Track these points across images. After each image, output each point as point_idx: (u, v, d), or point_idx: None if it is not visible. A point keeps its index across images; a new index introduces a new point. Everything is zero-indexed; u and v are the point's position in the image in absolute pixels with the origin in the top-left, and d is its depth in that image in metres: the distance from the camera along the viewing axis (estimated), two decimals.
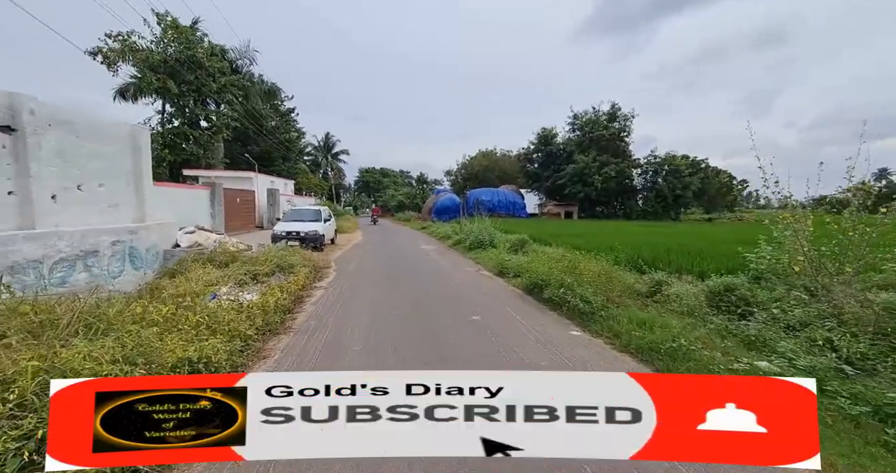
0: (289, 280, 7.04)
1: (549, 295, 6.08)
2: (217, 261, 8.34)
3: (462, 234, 16.39)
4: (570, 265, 6.73)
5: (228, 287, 6.42)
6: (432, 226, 27.29)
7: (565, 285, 5.93)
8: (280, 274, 7.96)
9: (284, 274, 8.06)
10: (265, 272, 7.69)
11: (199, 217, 13.17)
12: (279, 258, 8.66)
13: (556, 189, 36.38)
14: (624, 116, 35.23)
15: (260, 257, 8.38)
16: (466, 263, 11.09)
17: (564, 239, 13.73)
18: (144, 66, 18.11)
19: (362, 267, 10.16)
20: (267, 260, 8.25)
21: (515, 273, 8.51)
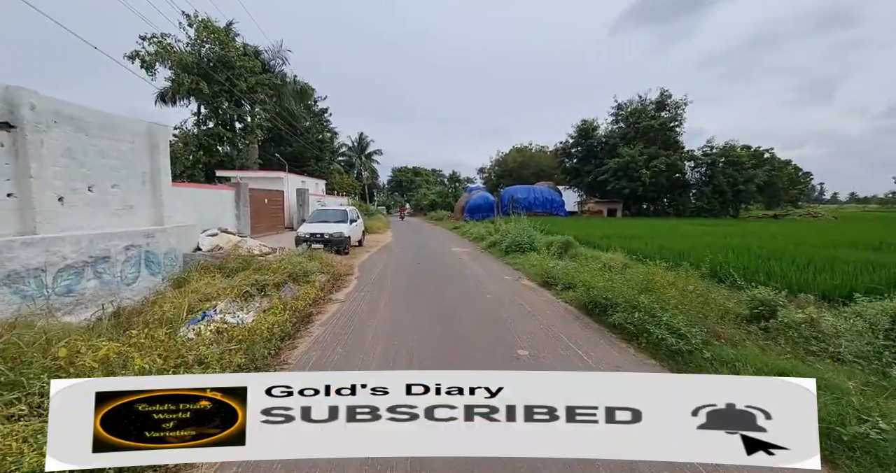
0: (297, 295, 6.06)
1: (619, 321, 4.63)
2: (228, 268, 7.57)
3: (497, 235, 14.98)
4: (644, 279, 5.21)
5: (227, 302, 5.52)
6: (465, 225, 26.02)
7: (641, 307, 4.46)
8: (292, 285, 7.04)
9: (298, 285, 7.14)
10: (275, 282, 6.79)
11: (223, 219, 12.74)
12: (294, 265, 7.77)
13: (597, 185, 33.83)
14: (675, 104, 32.03)
15: (273, 264, 7.53)
16: (504, 270, 9.74)
17: (616, 240, 11.97)
18: (179, 68, 18.22)
19: (386, 274, 9.09)
20: (279, 268, 7.37)
21: (565, 284, 7.07)
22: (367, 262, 11.06)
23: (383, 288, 7.53)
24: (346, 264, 10.44)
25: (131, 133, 8.86)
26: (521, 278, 8.53)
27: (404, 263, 10.76)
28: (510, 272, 9.38)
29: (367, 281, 8.26)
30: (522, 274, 8.94)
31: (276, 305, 5.06)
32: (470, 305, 6.13)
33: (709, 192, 29.29)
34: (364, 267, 10.26)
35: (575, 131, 36.54)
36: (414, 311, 5.83)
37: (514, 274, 8.99)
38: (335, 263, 10.05)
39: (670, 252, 9.04)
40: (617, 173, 30.47)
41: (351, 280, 8.46)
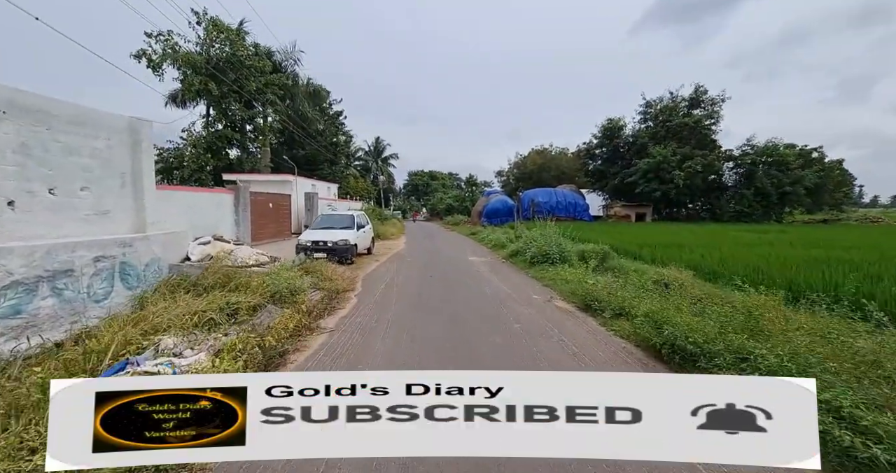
0: (273, 323, 4.75)
1: None
2: (203, 285, 6.38)
3: (520, 243, 13.45)
4: (747, 319, 3.62)
5: (177, 336, 4.26)
6: (482, 231, 24.53)
7: (762, 364, 2.92)
8: (274, 307, 5.77)
9: (283, 306, 5.87)
10: (252, 304, 5.53)
11: (221, 225, 11.74)
12: (283, 281, 6.51)
13: (624, 187, 31.71)
14: (710, 101, 29.67)
15: (254, 281, 6.28)
16: (531, 286, 8.23)
17: (661, 251, 10.26)
18: (186, 68, 17.58)
19: (393, 291, 7.74)
20: (262, 285, 6.12)
21: (615, 310, 5.53)
22: (374, 275, 9.75)
23: (386, 310, 6.17)
24: (348, 277, 9.16)
25: (108, 128, 7.85)
26: (553, 298, 7.01)
27: (414, 276, 9.40)
28: (539, 289, 7.87)
29: (368, 300, 6.92)
30: (554, 293, 7.42)
31: (233, 344, 3.75)
32: (493, 340, 4.67)
33: (750, 195, 26.77)
34: (369, 281, 8.95)
35: (599, 131, 34.55)
36: (421, 348, 4.43)
37: (545, 293, 7.47)
38: (335, 276, 8.78)
39: (739, 266, 7.34)
40: (647, 175, 28.34)
41: (350, 298, 7.15)
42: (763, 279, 6.47)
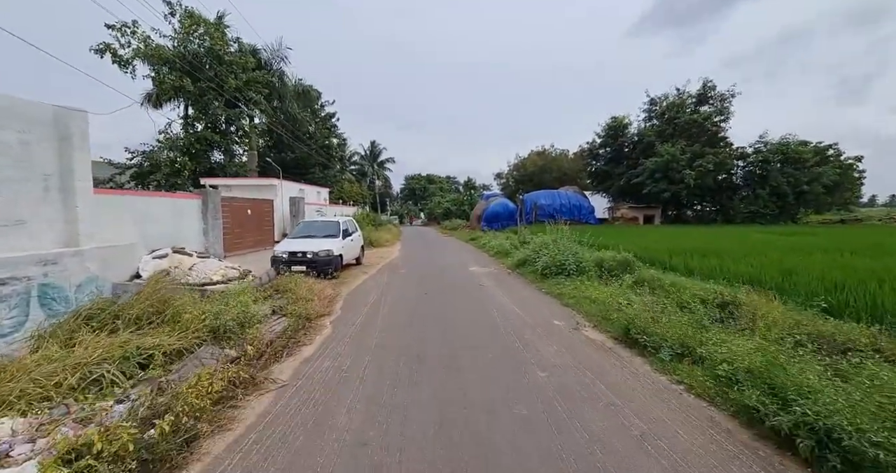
0: (191, 381, 3.22)
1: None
2: (127, 316, 4.85)
3: (527, 250, 11.96)
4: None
5: (34, 415, 2.75)
6: (483, 236, 23.03)
7: None
8: (215, 348, 4.25)
9: (223, 346, 4.35)
10: (177, 348, 4.01)
11: (186, 234, 10.23)
12: (234, 309, 4.99)
13: (630, 188, 30.29)
14: (720, 96, 28.34)
15: (192, 312, 4.75)
16: (547, 306, 6.71)
17: (698, 259, 8.75)
18: (158, 62, 16.14)
19: (378, 316, 6.22)
20: (198, 317, 4.60)
21: (675, 347, 4.04)
22: (359, 292, 8.23)
23: (365, 348, 4.65)
24: (328, 296, 7.65)
25: (22, 119, 6.36)
26: (580, 325, 5.49)
27: (407, 294, 7.88)
28: (559, 311, 6.35)
29: (345, 331, 5.40)
30: (580, 317, 5.91)
31: (87, 444, 2.24)
32: (515, 411, 3.16)
33: (765, 195, 25.34)
34: (352, 300, 7.43)
35: (603, 130, 33.19)
36: (404, 424, 2.91)
37: (567, 317, 5.96)
38: (312, 295, 7.27)
39: (809, 281, 5.86)
40: (654, 174, 26.93)
41: (323, 327, 5.63)
42: (848, 299, 5.01)
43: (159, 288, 5.48)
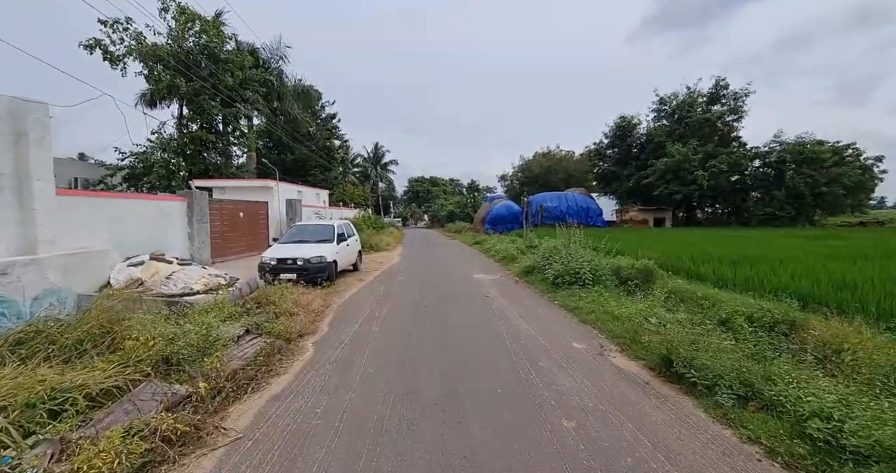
0: (100, 444, 2.43)
1: None
2: (68, 341, 4.07)
3: (536, 256, 11.12)
4: None
5: None
6: (487, 239, 22.19)
7: None
8: (162, 383, 3.47)
9: (171, 381, 3.57)
10: (109, 385, 3.23)
11: (169, 239, 9.51)
12: (195, 330, 4.21)
13: (640, 190, 29.33)
14: (733, 95, 27.36)
15: (141, 336, 3.96)
16: (563, 323, 5.86)
17: (729, 267, 7.86)
18: (150, 60, 15.53)
19: (369, 336, 5.42)
20: (145, 344, 3.82)
21: (735, 387, 3.19)
22: (351, 304, 7.44)
23: (349, 381, 3.84)
24: (316, 308, 6.86)
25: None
26: (605, 349, 4.64)
27: (404, 306, 7.06)
28: (577, 330, 5.50)
29: (328, 356, 4.60)
30: (603, 338, 5.06)
31: None
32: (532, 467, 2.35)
33: (781, 196, 24.29)
34: (342, 315, 6.63)
35: (611, 130, 32.26)
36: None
37: (588, 337, 5.12)
38: (297, 309, 6.49)
39: (885, 298, 4.97)
40: (665, 175, 25.96)
41: (304, 350, 4.83)
42: None
43: (113, 304, 4.70)
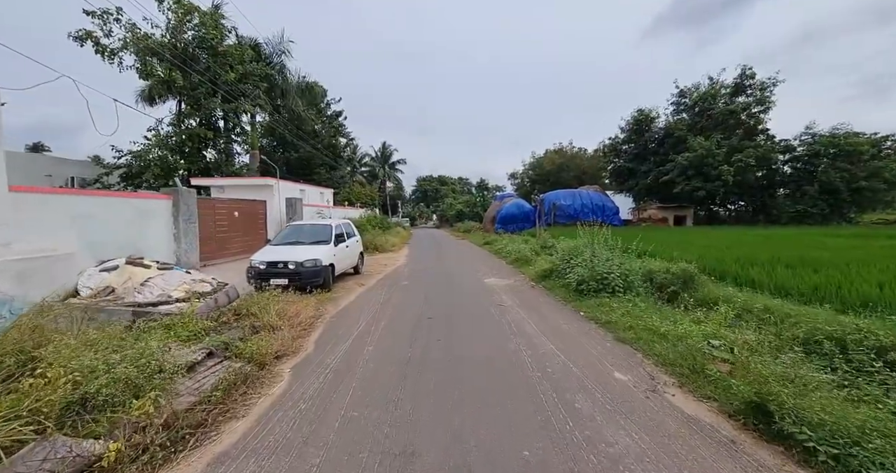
0: None
1: None
2: None
3: (554, 258, 10.05)
4: None
5: None
6: (498, 239, 21.14)
7: None
8: (64, 441, 2.57)
9: (83, 432, 2.67)
10: None
11: (153, 241, 8.73)
12: (133, 358, 3.31)
13: (658, 187, 27.88)
14: (759, 85, 25.72)
15: (56, 369, 3.08)
16: (597, 342, 4.81)
17: (784, 273, 6.70)
18: (145, 53, 14.88)
19: (360, 359, 4.46)
20: (57, 379, 2.93)
21: (876, 459, 2.16)
22: (346, 314, 6.51)
23: (324, 430, 2.89)
24: (304, 320, 5.95)
25: None
26: (657, 382, 3.59)
27: (406, 319, 6.10)
28: (615, 352, 4.45)
29: (308, 388, 3.66)
30: (650, 364, 4.01)
31: None
32: None
33: (814, 192, 22.65)
34: (333, 328, 5.70)
35: (627, 124, 30.82)
36: None
37: (631, 363, 4.07)
38: (281, 323, 5.59)
39: None
40: (687, 171, 24.50)
41: (280, 378, 3.91)
42: None
43: (38, 322, 3.84)
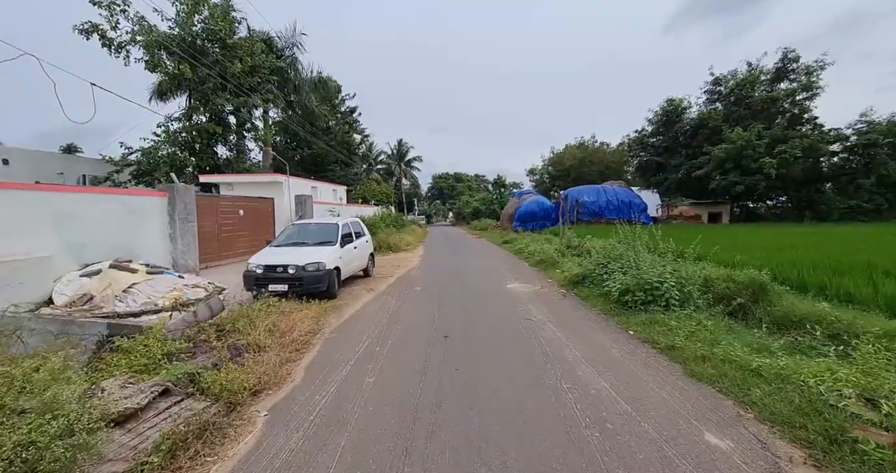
0: None
1: None
2: None
3: (587, 262, 8.88)
4: None
5: None
6: (517, 238, 19.96)
7: None
8: None
9: None
10: None
11: (146, 241, 8.05)
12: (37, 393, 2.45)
13: (690, 182, 26.01)
14: (805, 69, 23.48)
15: None
16: (665, 380, 3.68)
17: (891, 280, 5.37)
18: (153, 47, 14.39)
19: (358, 395, 3.51)
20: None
21: None
22: (349, 329, 5.58)
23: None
24: (296, 338, 5.05)
25: None
26: (782, 460, 2.45)
27: (417, 337, 5.12)
28: (693, 395, 3.33)
29: (283, 443, 2.72)
30: (752, 419, 2.88)
31: None
32: None
33: (870, 185, 20.47)
34: (331, 349, 4.78)
35: (655, 116, 28.94)
36: None
37: (725, 418, 2.95)
38: (269, 342, 4.72)
39: None
40: (724, 164, 22.63)
41: (249, 426, 2.99)
42: None
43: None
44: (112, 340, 4.93)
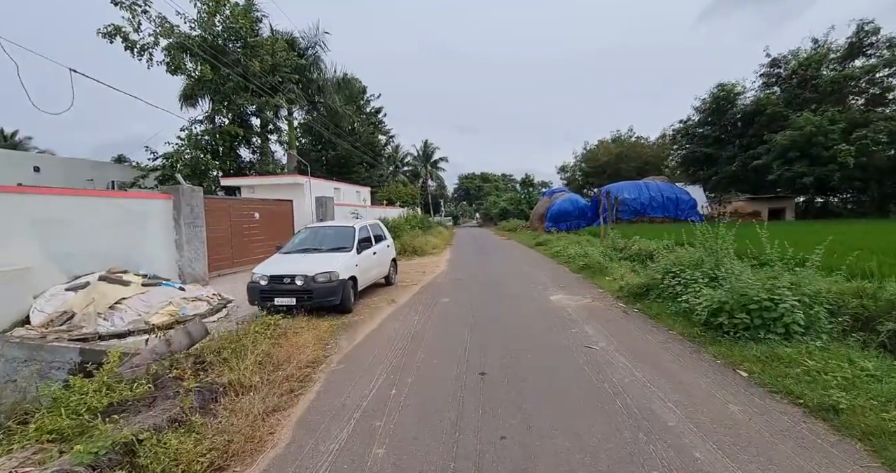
0: None
1: None
2: None
3: (652, 271, 7.33)
4: None
5: None
6: (552, 239, 18.37)
7: None
8: None
9: None
10: None
11: (148, 249, 7.36)
12: None
13: (746, 175, 23.33)
14: (888, 42, 20.29)
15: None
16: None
17: None
18: (175, 47, 14.13)
19: (360, 464, 2.33)
20: None
21: None
22: (360, 357, 4.47)
23: None
24: (293, 372, 3.99)
25: None
26: None
27: (446, 371, 3.91)
28: None
29: None
30: None
31: None
32: None
33: None
34: (335, 387, 3.67)
35: (703, 104, 26.32)
36: None
37: None
38: (256, 379, 3.69)
39: None
40: (788, 153, 19.97)
41: None
42: None
43: None
44: (86, 367, 4.12)
